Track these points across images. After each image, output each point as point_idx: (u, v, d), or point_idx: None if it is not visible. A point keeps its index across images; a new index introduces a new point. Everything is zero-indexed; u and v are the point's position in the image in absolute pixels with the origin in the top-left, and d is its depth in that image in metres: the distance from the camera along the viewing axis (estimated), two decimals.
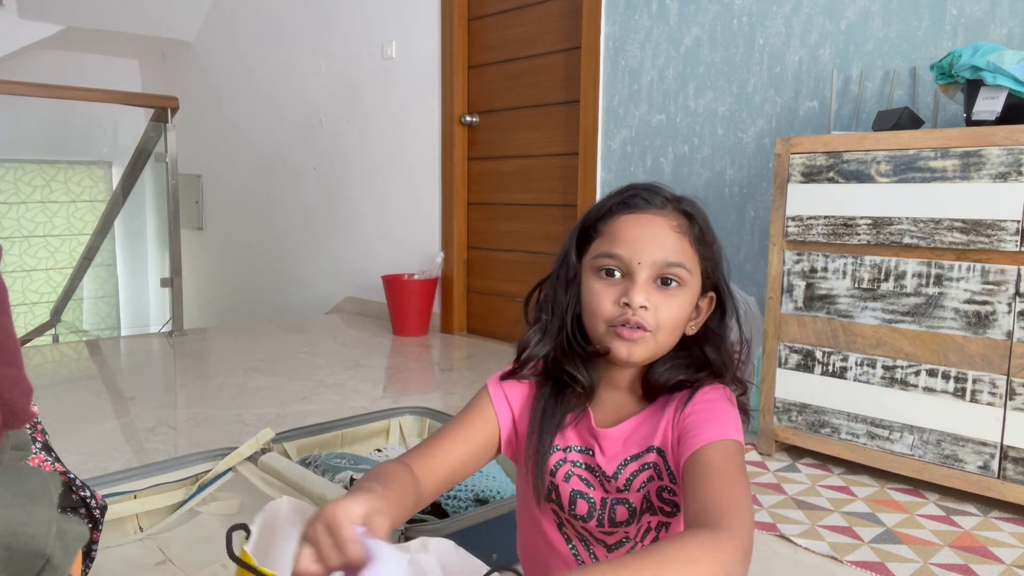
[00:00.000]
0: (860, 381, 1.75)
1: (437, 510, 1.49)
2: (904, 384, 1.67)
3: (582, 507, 0.85)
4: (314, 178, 4.28)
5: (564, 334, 0.87)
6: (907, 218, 1.65)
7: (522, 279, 3.28)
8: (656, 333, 0.82)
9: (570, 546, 0.87)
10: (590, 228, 0.88)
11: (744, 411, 0.85)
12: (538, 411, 0.87)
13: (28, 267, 5.15)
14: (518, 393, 0.90)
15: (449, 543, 0.71)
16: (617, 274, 0.83)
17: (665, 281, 0.82)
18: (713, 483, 0.71)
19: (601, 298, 0.83)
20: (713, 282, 0.88)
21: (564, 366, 0.86)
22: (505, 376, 0.90)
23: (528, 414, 0.88)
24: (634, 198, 0.86)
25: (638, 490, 0.83)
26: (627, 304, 0.81)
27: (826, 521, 1.55)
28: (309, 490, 1.44)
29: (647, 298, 0.81)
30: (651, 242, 0.83)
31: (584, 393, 0.86)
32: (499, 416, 0.88)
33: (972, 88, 1.62)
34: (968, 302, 1.58)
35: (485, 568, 0.69)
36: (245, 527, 0.67)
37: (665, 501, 0.83)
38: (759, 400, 1.94)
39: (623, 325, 0.81)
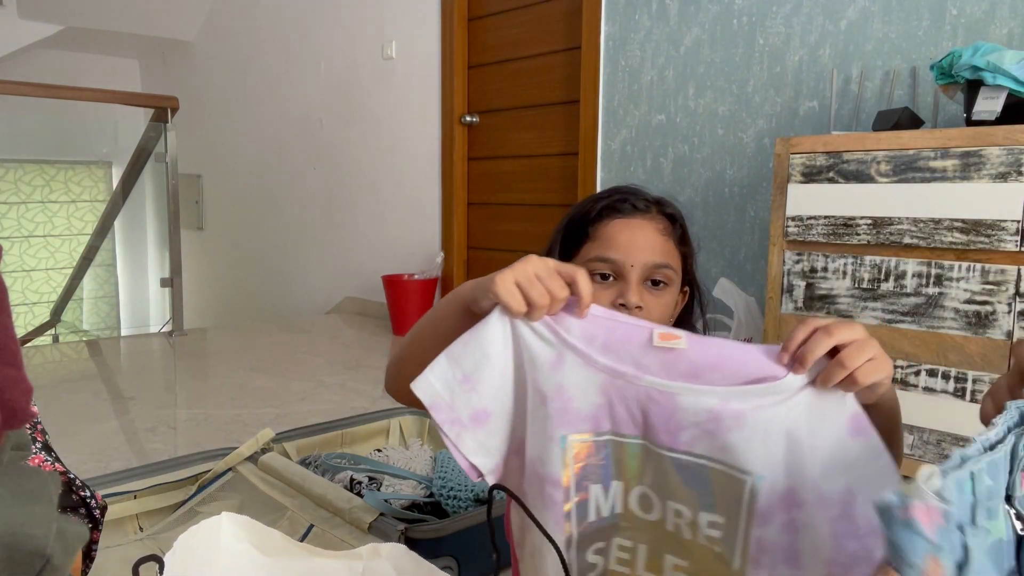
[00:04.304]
0: None
1: (437, 510, 1.49)
2: (904, 384, 1.67)
3: None
4: (314, 178, 4.27)
5: None
6: (907, 218, 1.65)
7: None
8: None
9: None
10: (578, 231, 0.92)
11: None
12: None
13: (28, 267, 5.15)
14: None
15: (402, 548, 0.70)
16: (611, 277, 0.88)
17: (655, 282, 0.88)
18: None
19: (597, 301, 0.87)
20: (689, 276, 0.95)
21: None
22: None
23: None
24: (623, 203, 0.91)
25: None
26: (623, 305, 0.86)
27: None
28: (309, 490, 1.44)
29: (641, 298, 0.87)
30: (642, 246, 0.88)
31: None
32: None
33: (972, 88, 1.62)
34: (968, 302, 1.58)
35: (439, 572, 0.68)
36: (157, 559, 0.58)
37: None
38: None
39: None
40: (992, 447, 0.46)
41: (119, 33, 5.10)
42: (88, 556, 0.79)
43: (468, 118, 3.43)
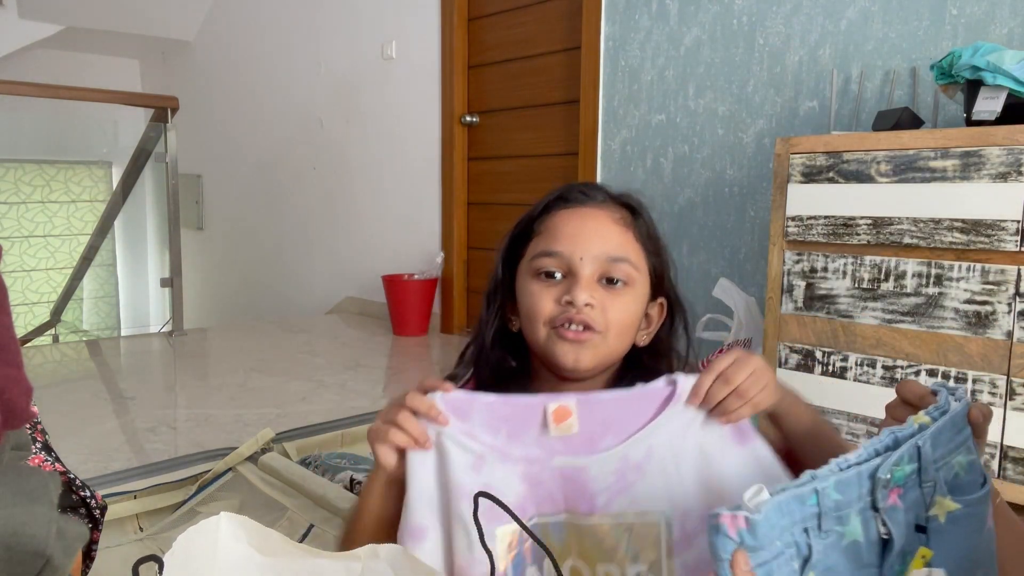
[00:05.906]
0: (860, 381, 1.75)
1: None
2: None
3: None
4: (314, 178, 4.27)
5: (486, 355, 0.83)
6: (907, 218, 1.65)
7: None
8: (606, 335, 0.75)
9: None
10: (524, 231, 0.82)
11: None
12: None
13: (28, 267, 5.15)
14: None
15: (400, 549, 0.71)
16: (558, 275, 0.76)
17: (611, 280, 0.75)
18: None
19: (540, 298, 0.76)
20: (663, 286, 0.81)
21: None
22: None
23: None
24: (571, 192, 0.81)
25: None
26: (570, 303, 0.74)
27: None
28: (309, 490, 1.44)
29: (591, 295, 0.74)
30: (593, 235, 0.76)
31: None
32: None
33: (972, 88, 1.61)
34: (968, 302, 1.58)
35: (437, 573, 0.68)
36: (157, 559, 0.58)
37: None
38: None
39: (566, 325, 0.74)
40: (848, 467, 0.56)
41: (119, 33, 5.10)
42: (88, 556, 0.79)
43: (468, 118, 3.43)
